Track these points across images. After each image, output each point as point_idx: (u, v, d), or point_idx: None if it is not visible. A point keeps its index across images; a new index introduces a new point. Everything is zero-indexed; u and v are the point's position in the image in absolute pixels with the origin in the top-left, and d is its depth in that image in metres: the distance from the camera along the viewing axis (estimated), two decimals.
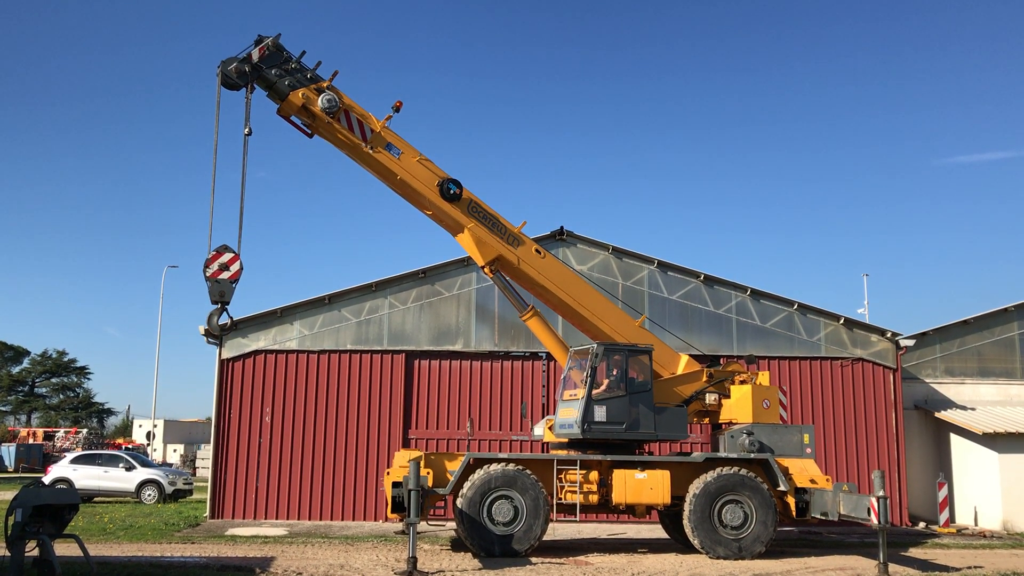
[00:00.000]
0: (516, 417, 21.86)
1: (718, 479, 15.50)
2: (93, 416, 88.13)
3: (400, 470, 14.94)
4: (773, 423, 16.50)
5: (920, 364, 24.08)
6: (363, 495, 21.40)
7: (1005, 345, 24.32)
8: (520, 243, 16.66)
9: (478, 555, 15.00)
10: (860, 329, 23.01)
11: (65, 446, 51.79)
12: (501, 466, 15.32)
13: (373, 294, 22.38)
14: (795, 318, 22.83)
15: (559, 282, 16.81)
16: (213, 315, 14.67)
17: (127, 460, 28.81)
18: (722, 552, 15.20)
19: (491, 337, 22.34)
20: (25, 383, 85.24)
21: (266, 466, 21.46)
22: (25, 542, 10.77)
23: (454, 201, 16.10)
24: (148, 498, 27.54)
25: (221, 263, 14.53)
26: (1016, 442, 21.67)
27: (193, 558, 14.53)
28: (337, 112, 15.38)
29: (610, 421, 15.65)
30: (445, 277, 22.55)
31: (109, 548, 15.65)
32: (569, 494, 15.62)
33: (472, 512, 14.96)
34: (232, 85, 15.06)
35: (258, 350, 22.00)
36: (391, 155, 15.82)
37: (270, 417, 21.70)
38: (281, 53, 15.28)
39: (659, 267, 22.86)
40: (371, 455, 21.56)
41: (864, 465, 22.02)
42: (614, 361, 16.07)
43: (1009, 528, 21.26)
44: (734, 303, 22.82)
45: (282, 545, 16.56)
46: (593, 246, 22.95)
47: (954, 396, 24.03)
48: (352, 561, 14.41)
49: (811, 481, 15.90)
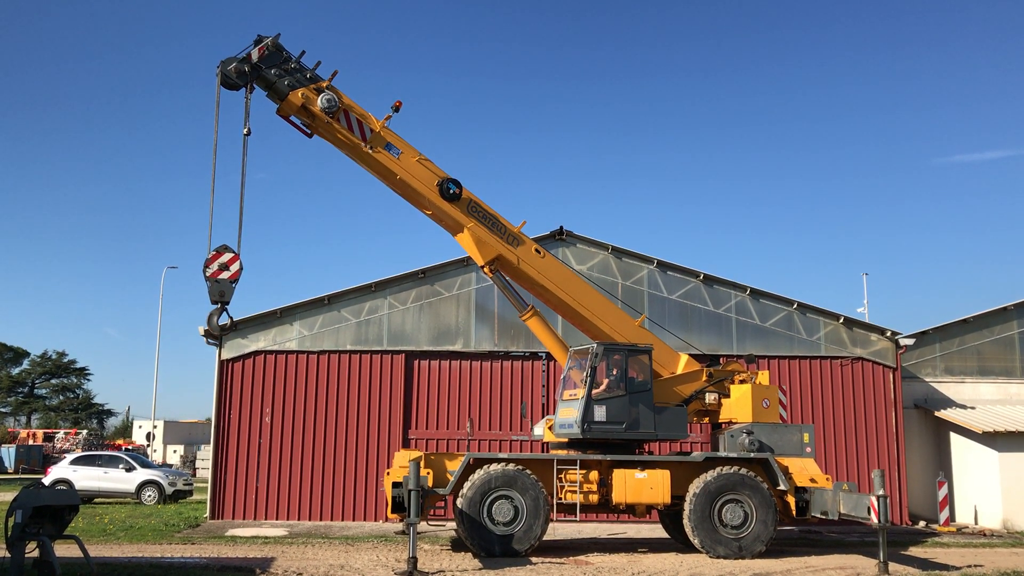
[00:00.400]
0: (516, 417, 21.85)
1: (718, 478, 15.51)
2: (93, 417, 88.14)
3: (400, 470, 14.95)
4: (773, 422, 16.50)
5: (920, 363, 24.08)
6: (363, 495, 21.40)
7: (1005, 344, 24.32)
8: (520, 243, 16.65)
9: (478, 555, 15.00)
10: (860, 328, 23.02)
11: (65, 447, 51.80)
12: (501, 466, 15.33)
13: (373, 294, 22.38)
14: (795, 317, 22.83)
15: (559, 282, 16.81)
16: (213, 315, 14.66)
17: (127, 461, 28.81)
18: (722, 551, 15.21)
19: (491, 337, 22.34)
20: (25, 384, 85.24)
21: (266, 467, 21.46)
22: (25, 543, 10.78)
23: (454, 201, 16.10)
24: (148, 499, 27.53)
25: (221, 263, 14.54)
26: (1016, 441, 21.67)
27: (193, 559, 14.53)
28: (336, 112, 15.38)
29: (610, 421, 15.66)
30: (445, 277, 22.55)
31: (109, 549, 15.65)
32: (569, 494, 15.62)
33: (472, 512, 14.96)
34: (232, 85, 15.07)
35: (258, 350, 22.00)
36: (391, 155, 15.82)
37: (270, 418, 21.70)
38: (280, 53, 15.28)
39: (658, 267, 22.86)
40: (371, 455, 21.55)
41: (864, 464, 22.03)
42: (614, 361, 16.07)
43: (1009, 527, 21.26)
44: (734, 302, 22.83)
45: (282, 546, 16.55)
46: (593, 246, 22.96)
47: (954, 395, 24.04)
48: (352, 561, 14.41)
49: (811, 480, 15.91)
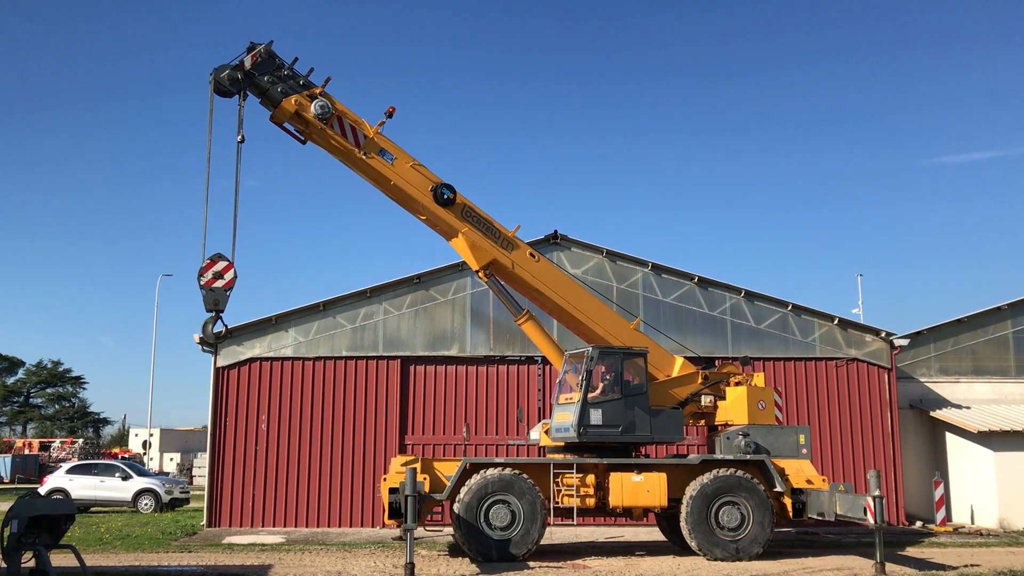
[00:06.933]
0: (512, 421, 21.85)
1: (714, 481, 15.53)
2: (89, 426, 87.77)
3: (397, 476, 14.94)
4: (769, 424, 16.53)
5: (915, 363, 24.14)
6: (360, 501, 21.37)
7: (999, 343, 24.40)
8: (514, 247, 16.67)
9: (476, 560, 15.00)
10: (854, 329, 23.07)
11: (61, 456, 51.68)
12: (498, 471, 15.33)
13: (368, 300, 22.38)
14: (789, 319, 22.87)
15: (554, 286, 16.83)
16: (208, 323, 14.63)
17: (123, 469, 28.69)
18: (719, 554, 15.23)
19: (486, 342, 22.35)
20: (20, 394, 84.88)
21: (263, 474, 21.43)
22: (21, 553, 10.75)
23: (448, 206, 16.12)
24: (145, 507, 27.45)
25: (215, 271, 14.51)
26: (1011, 440, 21.73)
27: (190, 567, 14.51)
28: (330, 118, 15.39)
29: (606, 424, 15.67)
30: (440, 282, 22.56)
31: (106, 558, 15.61)
32: (566, 498, 15.62)
33: (469, 517, 14.96)
34: (225, 92, 15.05)
35: (253, 358, 21.97)
36: (384, 160, 15.84)
37: (266, 425, 21.67)
38: (273, 60, 15.29)
39: (653, 270, 22.90)
40: (368, 461, 21.53)
41: (860, 465, 22.07)
42: (609, 364, 16.10)
43: (1005, 526, 21.31)
44: (728, 305, 22.87)
45: (279, 553, 16.53)
46: (587, 249, 22.99)
47: (949, 395, 24.10)
48: (350, 568, 14.40)
49: (807, 482, 15.93)
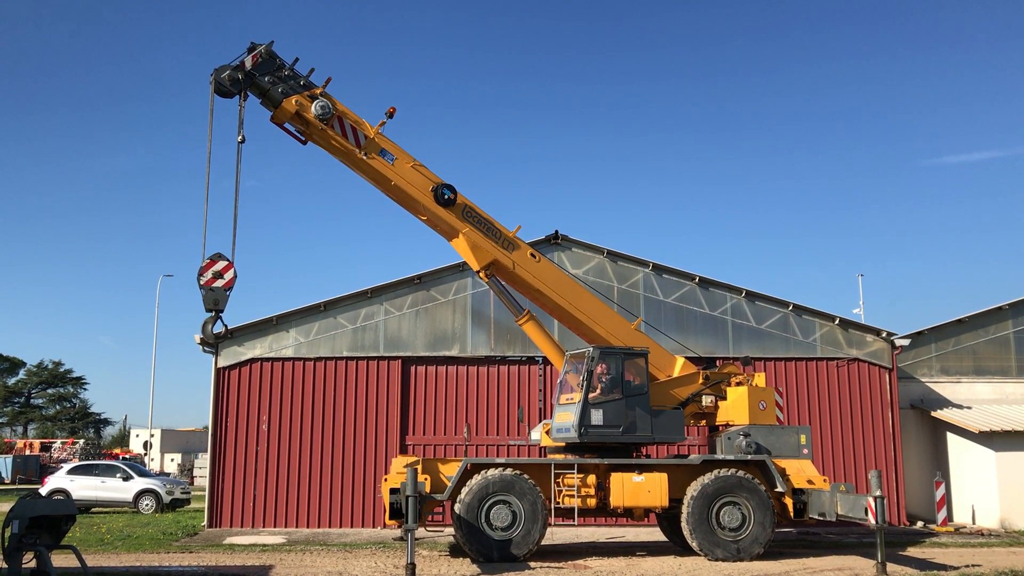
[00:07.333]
0: (513, 422, 21.84)
1: (715, 481, 15.52)
2: (90, 426, 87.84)
3: (398, 476, 14.94)
4: (770, 424, 16.52)
5: (916, 363, 24.12)
6: (361, 502, 21.37)
7: (1000, 343, 24.38)
8: (515, 247, 16.66)
9: (477, 561, 14.99)
10: (855, 329, 23.05)
11: (62, 457, 51.68)
12: (499, 471, 15.33)
13: (369, 301, 22.38)
14: (790, 319, 22.86)
15: (554, 286, 16.82)
16: (207, 323, 14.63)
17: (124, 470, 28.70)
18: (720, 554, 15.22)
19: (487, 342, 22.34)
20: (21, 394, 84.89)
21: (263, 474, 21.43)
22: (22, 554, 10.75)
23: (448, 206, 16.12)
24: (146, 508, 27.45)
25: (215, 271, 14.51)
26: (1012, 440, 21.71)
27: (191, 567, 14.51)
28: (331, 119, 15.40)
29: (607, 424, 15.66)
30: (441, 283, 22.56)
31: (107, 558, 15.61)
32: (567, 498, 15.61)
33: (470, 517, 14.96)
34: (225, 93, 15.06)
35: (254, 358, 21.97)
36: (385, 161, 15.84)
37: (267, 425, 21.67)
38: (274, 60, 15.29)
39: (654, 270, 22.89)
40: (369, 462, 21.53)
41: (861, 465, 22.05)
42: (610, 364, 16.09)
43: (1007, 526, 21.29)
44: (729, 305, 22.86)
45: (280, 553, 16.53)
46: (588, 250, 22.98)
47: (950, 395, 24.08)
48: (351, 568, 14.39)
49: (808, 482, 15.92)
